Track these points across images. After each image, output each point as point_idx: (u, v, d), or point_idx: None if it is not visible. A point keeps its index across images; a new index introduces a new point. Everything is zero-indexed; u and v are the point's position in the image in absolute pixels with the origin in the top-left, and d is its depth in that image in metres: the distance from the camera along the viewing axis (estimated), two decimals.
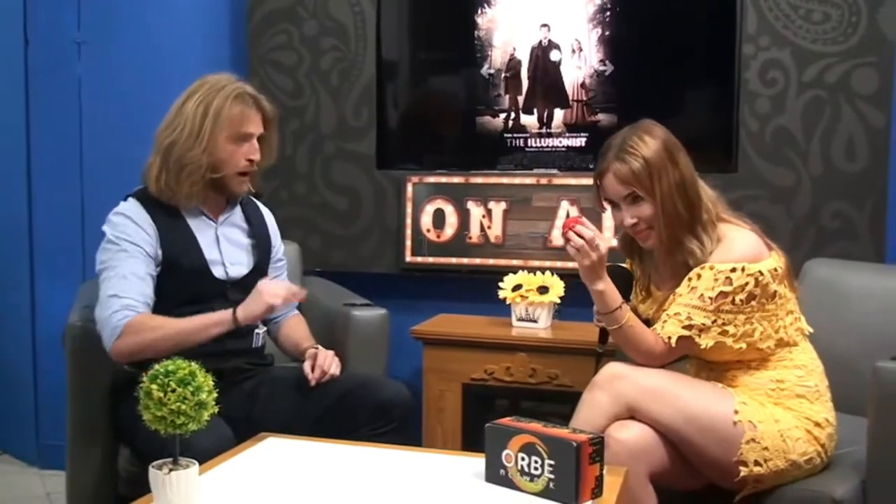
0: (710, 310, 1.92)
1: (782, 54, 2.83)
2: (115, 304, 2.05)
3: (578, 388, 2.42)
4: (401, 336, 2.84)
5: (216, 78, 2.18)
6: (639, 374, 1.95)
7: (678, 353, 1.99)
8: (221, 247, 2.21)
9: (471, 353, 2.81)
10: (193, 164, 2.10)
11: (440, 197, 3.11)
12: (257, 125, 2.18)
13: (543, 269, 2.94)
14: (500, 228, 3.07)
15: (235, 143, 2.14)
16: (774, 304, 1.95)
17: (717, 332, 1.92)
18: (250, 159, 2.17)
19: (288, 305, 2.38)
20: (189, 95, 2.15)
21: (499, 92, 3.09)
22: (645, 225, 2.00)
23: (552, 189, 3.02)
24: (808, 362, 2.00)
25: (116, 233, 2.11)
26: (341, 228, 3.22)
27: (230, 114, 2.12)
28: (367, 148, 3.19)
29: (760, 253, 1.95)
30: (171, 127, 2.13)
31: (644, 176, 1.95)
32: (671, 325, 1.95)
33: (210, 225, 2.21)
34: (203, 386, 1.55)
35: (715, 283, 1.91)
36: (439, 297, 3.22)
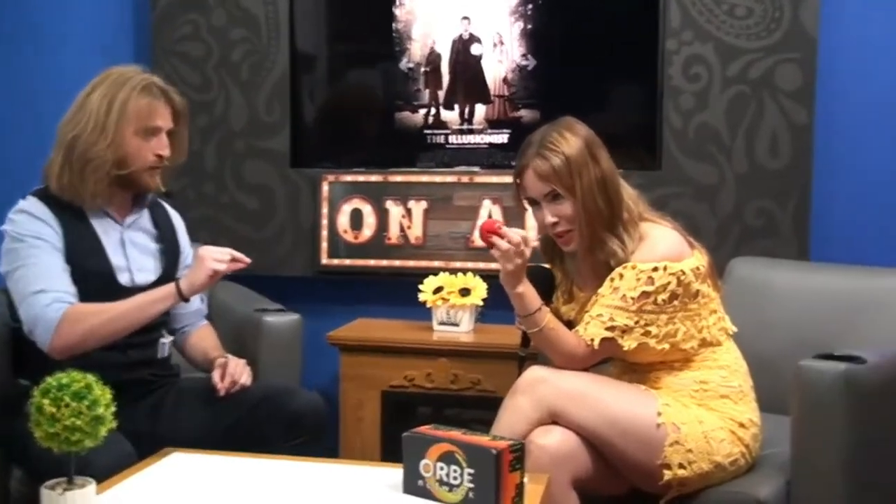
0: (633, 310, 1.95)
1: (706, 49, 2.90)
2: (45, 299, 2.00)
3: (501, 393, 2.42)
4: (316, 342, 2.82)
5: (122, 70, 2.14)
6: (560, 377, 1.97)
7: (601, 355, 2.02)
8: (127, 252, 2.16)
9: (390, 358, 2.81)
10: (98, 160, 2.05)
11: (357, 196, 3.10)
12: (166, 119, 2.14)
13: (465, 270, 2.95)
14: (421, 228, 3.07)
15: (143, 138, 2.10)
16: (697, 303, 1.99)
17: (639, 333, 1.96)
18: (159, 154, 2.13)
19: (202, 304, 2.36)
20: (93, 88, 2.11)
21: (418, 86, 3.09)
22: (565, 226, 2.02)
23: (474, 187, 3.04)
24: (732, 362, 2.05)
25: (20, 230, 2.05)
26: (253, 230, 3.18)
27: (137, 106, 2.08)
28: (280, 145, 3.16)
29: (682, 251, 1.99)
30: (73, 121, 2.08)
31: (564, 173, 1.97)
32: (593, 327, 1.98)
33: (116, 228, 2.16)
34: (100, 399, 1.51)
35: (637, 282, 1.94)
36: (357, 300, 3.20)
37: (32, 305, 2.01)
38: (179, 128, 2.19)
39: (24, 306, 2.02)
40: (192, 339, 2.31)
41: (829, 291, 2.46)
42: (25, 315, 2.03)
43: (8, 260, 2.07)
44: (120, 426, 1.56)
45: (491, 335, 2.84)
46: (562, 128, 2.02)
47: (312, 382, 2.72)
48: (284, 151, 3.16)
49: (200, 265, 2.04)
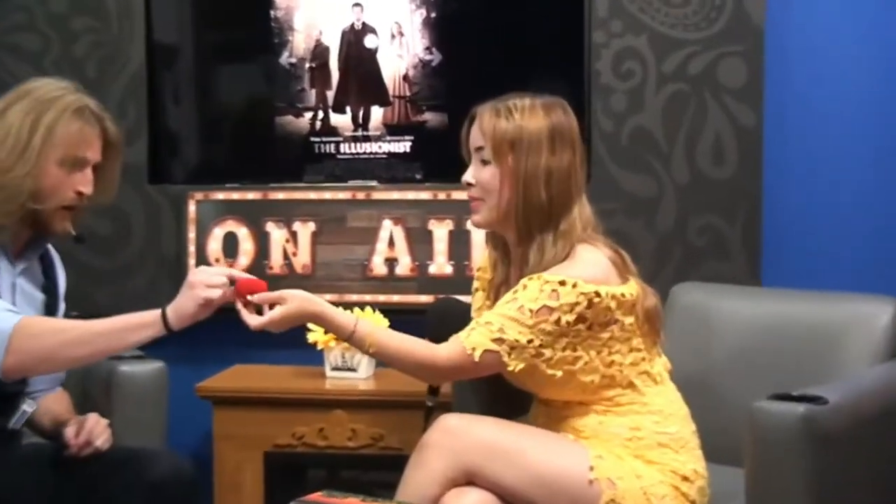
0: (528, 325, 1.96)
1: (639, 42, 2.97)
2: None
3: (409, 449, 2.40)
4: (184, 395, 2.76)
5: (47, 85, 2.10)
6: (476, 427, 1.97)
7: (479, 370, 2.01)
8: (16, 300, 2.10)
9: (274, 412, 2.78)
10: (12, 189, 2.00)
11: (231, 217, 3.07)
12: (96, 150, 2.11)
13: (363, 304, 2.93)
14: (308, 255, 3.05)
15: (66, 170, 2.06)
16: (610, 332, 2.01)
17: (530, 354, 1.97)
18: (80, 192, 2.09)
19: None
20: (10, 103, 2.06)
21: (302, 86, 3.08)
22: (478, 192, 2.07)
23: (371, 205, 3.04)
24: (665, 406, 2.08)
25: None
26: (104, 260, 3.13)
27: (66, 131, 2.04)
28: (135, 156, 3.10)
29: (605, 277, 2.02)
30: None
31: (503, 140, 2.02)
32: (478, 335, 1.98)
33: (9, 269, 2.11)
34: None
35: (540, 294, 1.96)
36: (232, 343, 3.14)
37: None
38: (109, 162, 2.15)
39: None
40: (45, 403, 2.24)
41: (784, 321, 2.51)
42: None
43: None
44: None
45: (394, 381, 2.82)
46: (539, 101, 2.07)
47: (180, 443, 2.66)
48: (141, 164, 3.11)
49: (190, 292, 2.00)
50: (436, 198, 3.01)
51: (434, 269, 3.01)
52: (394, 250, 3.02)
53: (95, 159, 2.12)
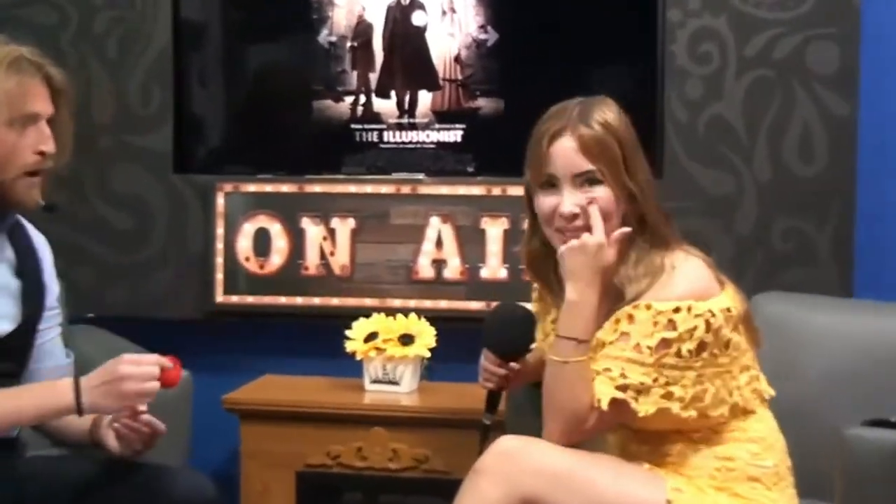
0: (650, 364, 1.94)
1: (717, 22, 2.94)
2: None
3: (457, 473, 2.40)
4: (209, 407, 2.78)
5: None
6: (539, 452, 1.95)
7: (608, 422, 2.00)
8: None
9: (307, 429, 2.79)
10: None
11: (264, 212, 3.08)
12: (45, 102, 2.08)
13: (407, 310, 2.94)
14: (347, 255, 3.06)
15: (17, 130, 2.04)
16: (728, 356, 1.99)
17: (659, 395, 1.95)
18: (41, 151, 2.06)
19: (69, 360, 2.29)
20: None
21: (343, 67, 3.09)
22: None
23: (417, 200, 3.04)
24: (767, 434, 2.05)
25: None
26: (122, 255, 3.15)
27: (5, 87, 2.01)
28: (159, 144, 3.13)
29: (710, 288, 2.00)
30: None
31: (614, 152, 1.98)
32: (600, 384, 1.97)
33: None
34: None
35: (654, 327, 1.94)
36: (263, 351, 3.18)
37: None
38: (59, 116, 2.12)
39: None
40: None
41: (878, 337, 2.49)
42: None
43: None
44: None
45: (441, 397, 2.83)
46: (603, 104, 2.03)
47: (203, 460, 2.68)
48: (166, 152, 3.13)
49: (118, 389, 1.95)
50: (489, 193, 3.01)
51: (486, 273, 3.01)
52: (442, 251, 3.02)
53: (47, 112, 2.08)
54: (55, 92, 2.10)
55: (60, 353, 2.27)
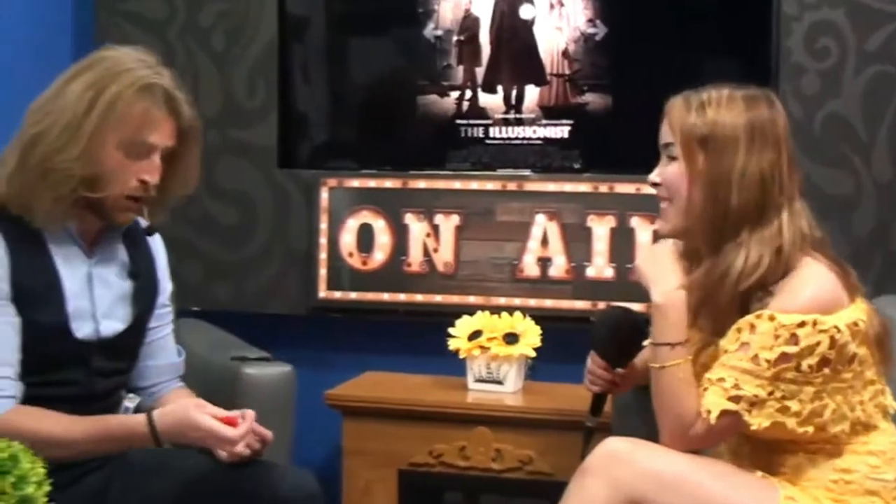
0: (767, 377, 1.92)
1: (836, 14, 2.89)
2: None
3: (561, 475, 2.40)
4: (311, 403, 2.81)
5: (122, 55, 2.09)
6: (647, 454, 1.95)
7: (717, 435, 1.99)
8: (95, 293, 2.14)
9: (410, 427, 2.80)
10: (61, 173, 2.00)
11: (367, 207, 3.11)
12: (165, 135, 2.08)
13: (512, 308, 2.94)
14: (451, 252, 3.07)
15: (127, 155, 2.05)
16: (852, 371, 1.96)
17: (774, 409, 1.92)
18: (143, 180, 2.08)
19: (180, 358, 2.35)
20: (77, 73, 2.06)
21: (449, 61, 3.10)
22: (663, 192, 2.05)
23: (523, 197, 3.03)
24: (889, 448, 2.01)
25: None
26: (228, 251, 3.20)
27: (128, 110, 2.02)
28: (264, 138, 3.17)
29: (836, 299, 1.97)
30: (43, 110, 2.03)
31: (694, 136, 2.00)
32: (712, 395, 1.96)
33: (82, 259, 2.14)
34: (29, 475, 1.51)
35: (775, 340, 1.91)
36: (365, 348, 3.20)
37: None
38: (184, 150, 2.14)
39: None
40: (167, 402, 2.28)
41: None
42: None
43: None
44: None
45: (546, 397, 2.83)
46: (740, 93, 2.05)
47: (305, 457, 2.71)
48: (270, 147, 3.17)
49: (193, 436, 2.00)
50: (596, 190, 2.99)
51: (592, 272, 2.99)
52: (547, 249, 3.01)
53: (164, 145, 2.09)
54: (181, 128, 2.11)
55: (172, 351, 2.33)
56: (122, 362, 2.22)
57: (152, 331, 2.27)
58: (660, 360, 2.00)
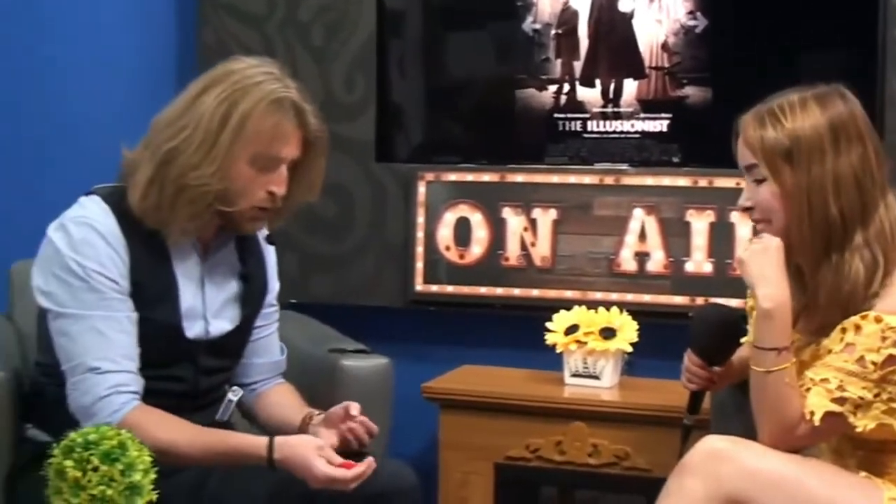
0: (873, 379, 1.90)
1: None
2: (100, 386, 2.02)
3: (658, 472, 2.41)
4: (408, 395, 2.83)
5: (248, 67, 2.11)
6: (747, 452, 1.94)
7: (820, 436, 1.98)
8: (206, 294, 2.21)
9: (506, 420, 2.81)
10: (198, 190, 2.05)
11: (465, 201, 3.13)
12: (293, 147, 2.12)
13: (609, 303, 2.94)
14: (549, 246, 3.08)
15: (257, 169, 2.09)
16: None
17: (880, 411, 1.90)
18: (272, 192, 2.11)
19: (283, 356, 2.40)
20: (207, 85, 2.09)
21: (547, 55, 3.10)
22: (759, 215, 2.02)
23: (621, 191, 3.03)
24: None
25: (82, 259, 2.05)
26: (326, 245, 3.24)
27: (259, 126, 2.06)
28: (362, 132, 3.21)
29: None
30: (176, 126, 2.06)
31: (775, 152, 1.96)
32: (815, 395, 1.94)
33: (196, 262, 2.20)
34: (136, 463, 1.56)
35: (882, 342, 1.89)
36: (462, 341, 3.21)
37: (80, 390, 2.04)
38: (309, 160, 2.17)
39: (72, 381, 2.05)
40: (268, 398, 2.36)
41: None
42: (73, 395, 2.05)
43: (56, 298, 2.07)
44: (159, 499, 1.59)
45: (642, 393, 2.82)
46: (810, 94, 2.01)
47: (401, 449, 2.74)
48: (368, 141, 3.20)
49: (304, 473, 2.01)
50: (695, 184, 2.97)
51: (691, 267, 2.97)
52: (645, 243, 3.00)
53: (292, 157, 2.12)
54: (308, 139, 2.15)
55: (276, 349, 2.39)
56: (227, 360, 2.28)
57: (258, 329, 2.34)
58: (765, 365, 1.97)
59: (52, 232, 2.11)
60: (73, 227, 2.09)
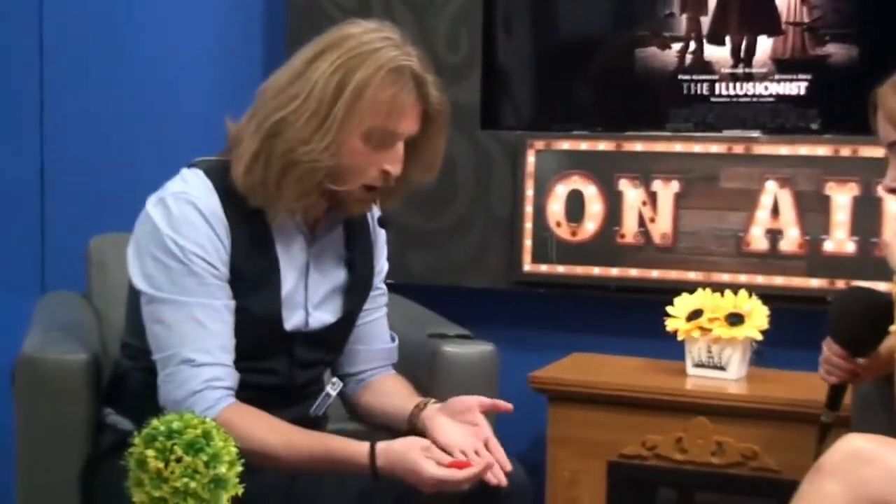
0: None
1: None
2: (195, 379, 2.04)
3: (789, 473, 2.39)
4: (513, 386, 2.83)
5: (366, 32, 2.08)
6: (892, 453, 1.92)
7: None
8: (309, 282, 2.21)
9: (621, 414, 2.81)
10: (307, 165, 2.03)
11: (577, 172, 3.12)
12: (412, 122, 2.09)
13: (736, 286, 2.91)
14: (670, 222, 3.06)
15: (372, 145, 2.07)
16: None
17: None
18: (386, 171, 2.09)
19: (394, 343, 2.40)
20: (321, 52, 2.06)
21: (671, 10, 3.09)
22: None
23: (752, 161, 3.00)
24: None
25: (181, 239, 2.06)
26: (425, 220, 3.26)
27: (376, 97, 2.03)
28: (466, 96, 3.21)
29: None
30: (285, 94, 2.05)
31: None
32: None
33: (302, 248, 2.20)
34: (222, 454, 1.56)
35: None
36: (573, 327, 3.21)
37: (173, 381, 2.06)
38: (427, 136, 2.14)
39: (165, 373, 2.07)
40: (376, 388, 2.35)
41: None
42: (165, 387, 2.07)
43: (153, 281, 2.08)
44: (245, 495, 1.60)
45: (774, 386, 2.80)
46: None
47: (506, 445, 2.72)
48: (473, 106, 3.21)
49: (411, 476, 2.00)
50: (837, 154, 2.93)
51: (831, 246, 2.93)
52: (778, 220, 2.97)
53: (409, 132, 2.10)
54: (428, 113, 2.12)
55: (385, 335, 2.37)
56: (326, 354, 2.29)
57: (364, 313, 2.32)
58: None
59: (151, 206, 2.11)
60: (173, 203, 2.09)
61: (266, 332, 2.15)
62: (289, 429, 2.09)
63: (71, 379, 2.30)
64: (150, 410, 1.60)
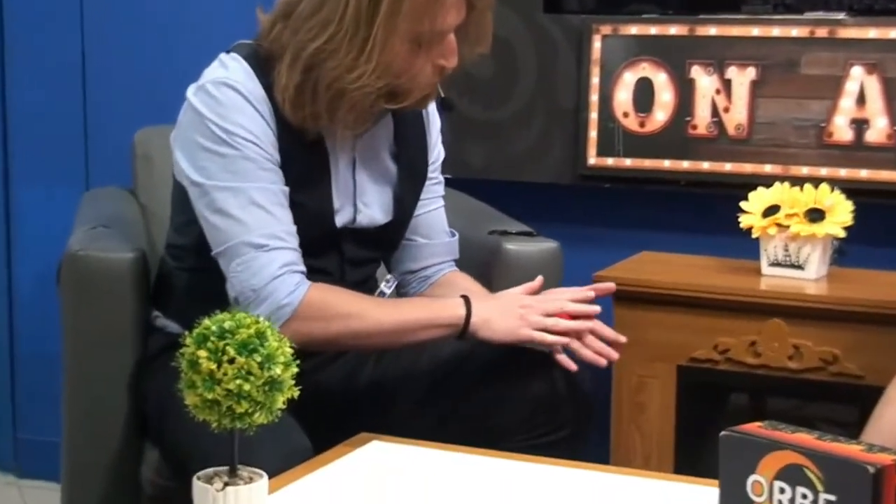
0: None
1: None
2: (273, 264, 2.06)
3: (873, 379, 2.40)
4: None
5: None
6: None
7: None
8: (357, 177, 2.23)
9: (692, 316, 2.82)
10: (357, 91, 2.04)
11: (646, 59, 3.11)
12: (456, 13, 2.07)
13: (817, 179, 2.90)
14: (745, 112, 3.04)
15: (420, 46, 2.06)
16: None
17: None
18: (441, 66, 2.10)
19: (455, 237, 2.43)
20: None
21: None
22: None
23: (835, 46, 2.97)
24: None
25: (228, 124, 2.07)
26: (483, 109, 3.26)
27: (415, 1, 2.00)
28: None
29: None
30: (317, 18, 2.02)
31: None
32: None
33: (349, 141, 2.20)
34: (276, 354, 1.58)
35: None
36: (641, 223, 3.22)
37: (251, 268, 2.06)
38: (473, 17, 2.12)
39: (236, 263, 2.07)
40: (448, 283, 2.37)
41: None
42: (239, 277, 2.08)
43: (206, 172, 2.09)
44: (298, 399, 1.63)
45: (856, 286, 2.80)
46: None
47: None
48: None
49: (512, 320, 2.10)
50: None
51: None
52: (864, 109, 2.95)
53: (456, 23, 2.08)
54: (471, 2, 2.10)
55: (442, 228, 2.40)
56: (375, 251, 2.32)
57: (421, 203, 2.34)
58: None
59: (192, 95, 2.12)
60: (214, 89, 2.09)
61: (316, 228, 2.16)
62: (375, 298, 2.19)
63: (117, 277, 2.34)
64: (195, 312, 1.63)
